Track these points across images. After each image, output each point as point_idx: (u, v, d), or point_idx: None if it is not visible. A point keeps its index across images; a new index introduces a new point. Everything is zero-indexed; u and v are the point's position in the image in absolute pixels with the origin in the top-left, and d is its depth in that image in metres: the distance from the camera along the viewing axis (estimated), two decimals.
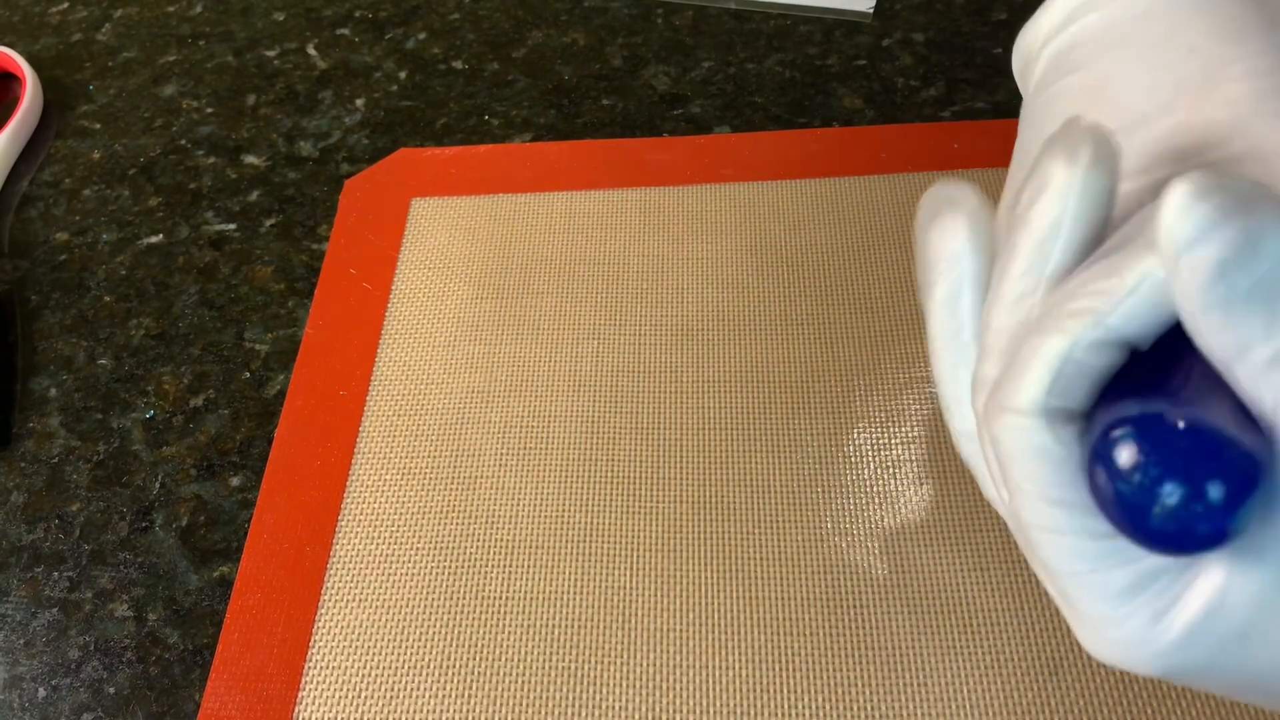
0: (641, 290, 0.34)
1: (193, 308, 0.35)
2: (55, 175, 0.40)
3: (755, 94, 0.41)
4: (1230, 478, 0.16)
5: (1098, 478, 0.17)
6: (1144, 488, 0.16)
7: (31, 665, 0.28)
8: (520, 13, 0.45)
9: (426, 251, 0.36)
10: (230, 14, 0.46)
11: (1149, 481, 0.16)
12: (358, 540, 0.29)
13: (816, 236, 0.35)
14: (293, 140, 0.41)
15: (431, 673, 0.27)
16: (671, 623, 0.27)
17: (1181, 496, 0.16)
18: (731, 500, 0.29)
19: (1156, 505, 0.16)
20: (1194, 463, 0.16)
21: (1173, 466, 0.16)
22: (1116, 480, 0.17)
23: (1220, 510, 0.16)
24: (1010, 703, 0.25)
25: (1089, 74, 0.23)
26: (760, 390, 0.31)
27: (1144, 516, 0.16)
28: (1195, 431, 0.16)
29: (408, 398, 0.32)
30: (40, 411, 0.33)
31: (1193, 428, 0.16)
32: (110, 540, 0.30)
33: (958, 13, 0.44)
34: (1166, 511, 0.16)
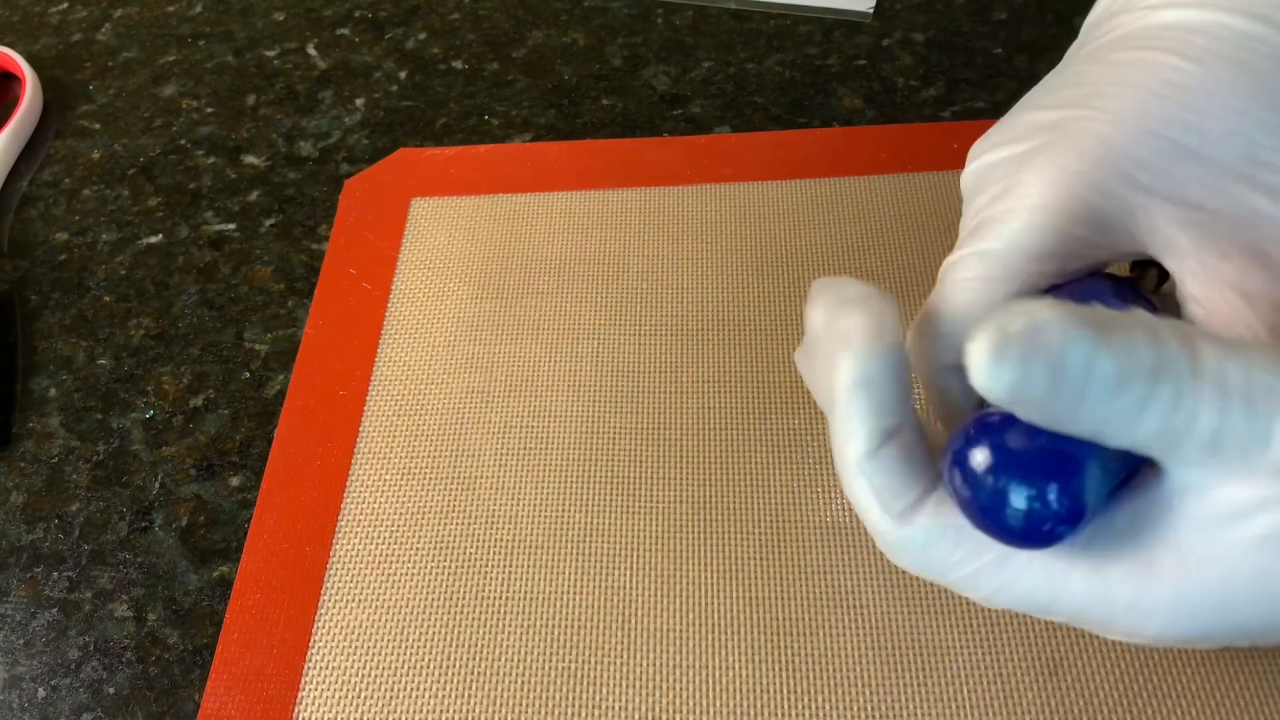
0: (641, 290, 0.34)
1: (192, 308, 0.35)
2: (55, 175, 0.40)
3: (755, 94, 0.41)
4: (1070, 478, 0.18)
5: (955, 480, 0.19)
6: (995, 490, 0.18)
7: (31, 665, 0.28)
8: (520, 13, 0.45)
9: (426, 251, 0.36)
10: (230, 14, 0.46)
11: (999, 485, 0.18)
12: (358, 540, 0.29)
13: (816, 236, 0.35)
14: (293, 140, 0.41)
15: (431, 673, 0.27)
16: (671, 623, 0.27)
17: (1028, 498, 0.18)
18: (731, 500, 0.29)
19: (1008, 506, 0.18)
20: (1039, 467, 0.18)
21: (1020, 470, 0.18)
22: (972, 484, 0.19)
23: (1065, 509, 0.18)
24: (1010, 703, 0.25)
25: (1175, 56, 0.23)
26: (760, 390, 0.31)
27: (998, 516, 0.18)
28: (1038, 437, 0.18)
29: (408, 398, 0.32)
30: (40, 411, 0.33)
31: (1036, 434, 0.18)
32: (110, 540, 0.30)
33: (958, 13, 0.44)
34: (1017, 512, 0.18)
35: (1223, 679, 0.25)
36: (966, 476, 0.19)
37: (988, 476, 0.18)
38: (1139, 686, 0.25)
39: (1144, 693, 0.25)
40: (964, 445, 0.19)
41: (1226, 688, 0.25)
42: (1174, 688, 0.25)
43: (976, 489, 0.18)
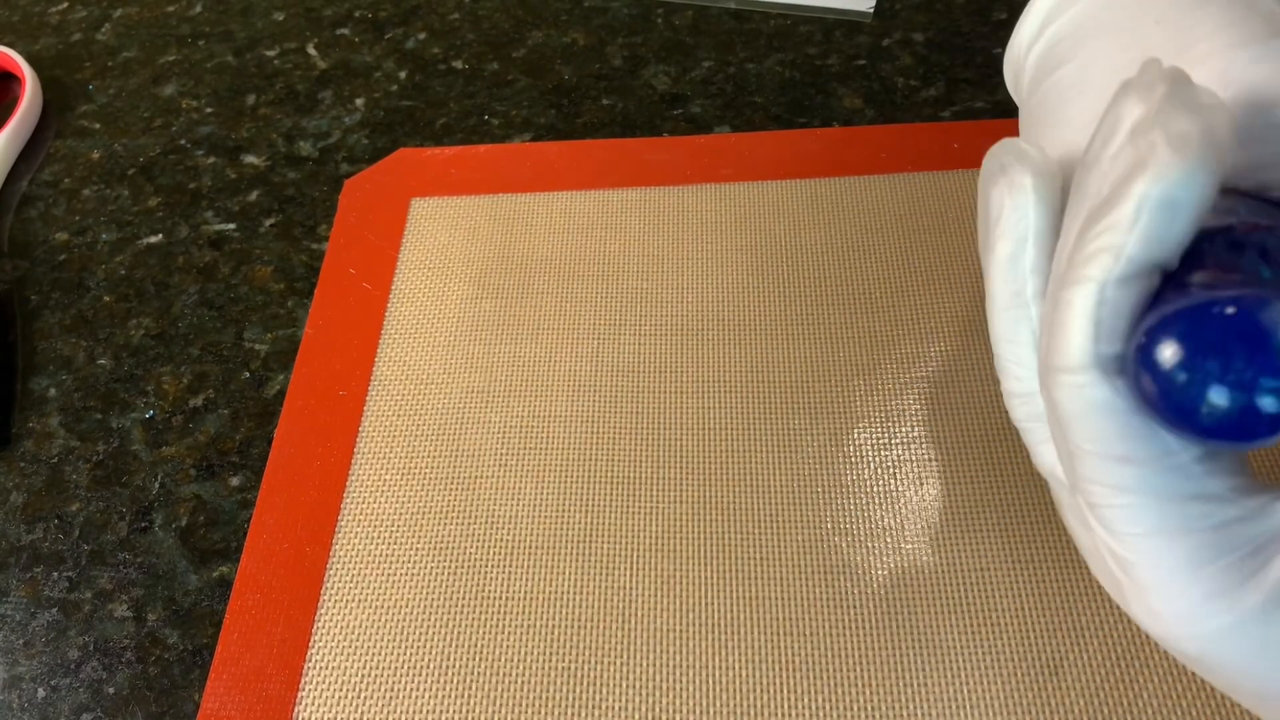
0: (641, 290, 0.34)
1: (192, 308, 0.35)
2: (55, 175, 0.40)
3: (755, 94, 0.41)
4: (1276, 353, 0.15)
5: (1144, 383, 0.16)
6: (1194, 380, 0.15)
7: (31, 665, 0.28)
8: (520, 13, 0.45)
9: (426, 251, 0.36)
10: (230, 14, 0.46)
11: (1198, 372, 0.15)
12: (358, 540, 0.29)
13: (816, 236, 0.35)
14: (293, 140, 0.41)
15: (431, 673, 0.27)
16: (671, 623, 0.27)
17: (1234, 381, 0.15)
18: (731, 500, 0.29)
19: (1210, 395, 0.15)
20: (1241, 345, 0.15)
21: (1220, 352, 0.15)
22: (1162, 380, 0.16)
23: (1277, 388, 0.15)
24: (1010, 703, 0.25)
25: (1072, 66, 0.24)
26: (760, 390, 0.31)
27: (1195, 409, 0.16)
28: (1237, 315, 0.15)
29: (408, 398, 0.32)
30: (40, 411, 0.33)
31: (1233, 311, 0.15)
32: (110, 540, 0.30)
33: (958, 13, 0.44)
34: (1223, 399, 0.15)
35: None
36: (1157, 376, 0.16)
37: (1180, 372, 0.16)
38: (1139, 686, 0.25)
39: (1144, 693, 0.25)
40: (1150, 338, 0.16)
41: None
42: (1174, 688, 0.25)
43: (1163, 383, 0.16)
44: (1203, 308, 0.16)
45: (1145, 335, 0.16)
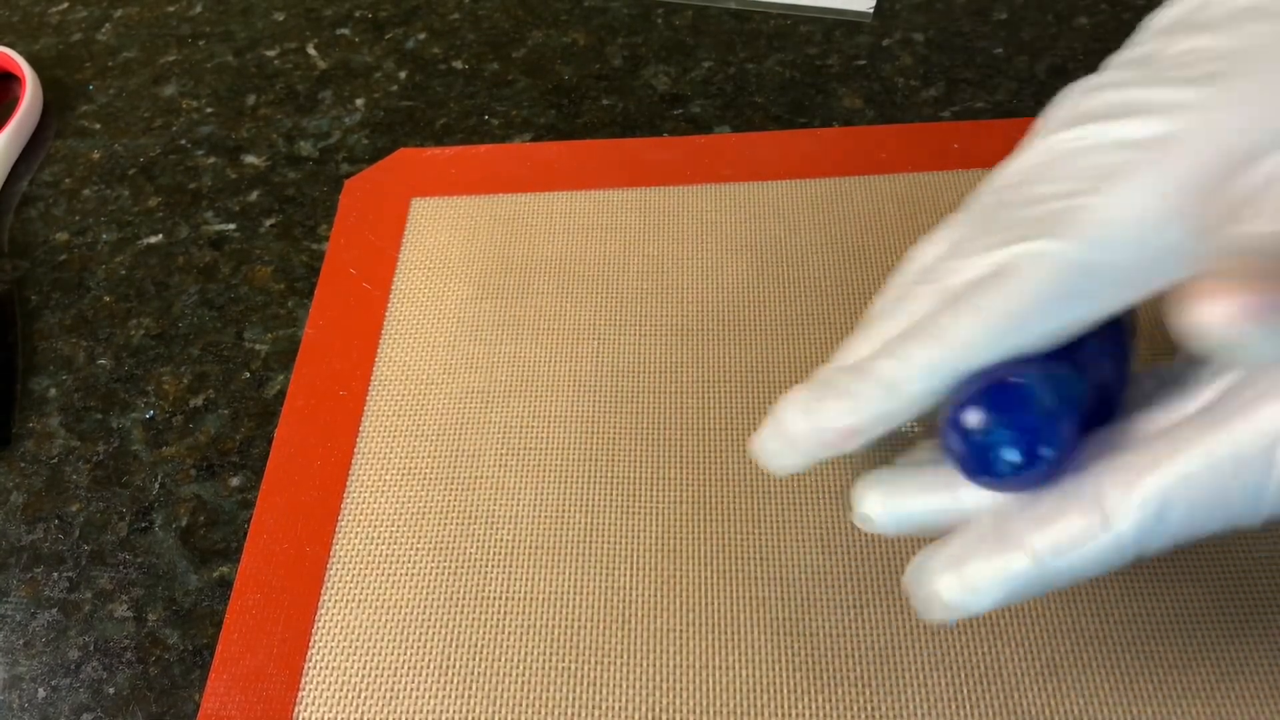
0: (641, 290, 0.34)
1: (193, 308, 0.35)
2: (55, 175, 0.40)
3: (755, 94, 0.41)
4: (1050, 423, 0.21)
5: (949, 442, 0.21)
6: (983, 446, 0.21)
7: (31, 665, 0.28)
8: (520, 13, 0.45)
9: (426, 251, 0.36)
10: (230, 14, 0.46)
11: (985, 440, 0.21)
12: (358, 540, 0.29)
13: (816, 236, 0.35)
14: (293, 140, 0.41)
15: (431, 673, 0.27)
16: (671, 623, 0.27)
17: (1014, 448, 0.20)
18: (731, 500, 0.29)
19: (997, 459, 0.21)
20: (1019, 417, 0.21)
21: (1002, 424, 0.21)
22: (962, 442, 0.21)
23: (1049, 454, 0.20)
24: (1009, 703, 0.25)
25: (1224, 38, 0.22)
26: (760, 390, 0.31)
27: (989, 468, 0.21)
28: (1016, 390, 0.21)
29: (408, 398, 0.32)
30: (40, 411, 0.33)
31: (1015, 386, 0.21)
32: (110, 540, 0.30)
33: (958, 13, 0.44)
34: (1005, 463, 0.21)
35: (1223, 679, 0.25)
36: (961, 435, 0.21)
37: (975, 433, 0.21)
38: (1139, 686, 0.25)
39: (1144, 693, 0.25)
40: (956, 411, 0.21)
41: (1227, 688, 0.25)
42: (1174, 688, 0.25)
43: (965, 442, 0.21)
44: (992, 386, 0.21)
45: (954, 408, 0.21)
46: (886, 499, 0.24)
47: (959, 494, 0.23)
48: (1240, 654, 0.26)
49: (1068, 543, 0.20)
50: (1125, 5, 0.43)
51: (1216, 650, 0.26)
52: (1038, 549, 0.21)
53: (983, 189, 0.25)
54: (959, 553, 0.22)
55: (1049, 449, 0.20)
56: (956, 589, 0.21)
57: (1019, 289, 0.21)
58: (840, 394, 0.23)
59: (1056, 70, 0.41)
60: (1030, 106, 0.39)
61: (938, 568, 0.22)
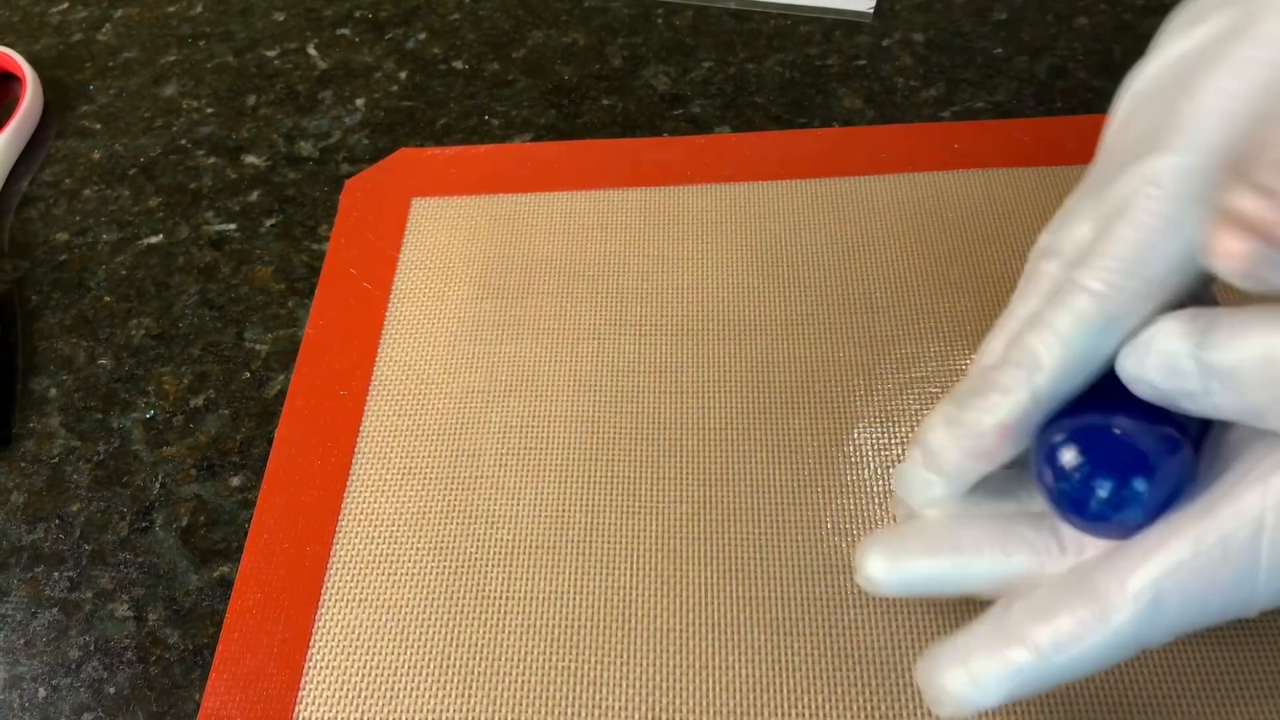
0: (641, 290, 0.34)
1: (193, 308, 0.35)
2: (55, 175, 0.40)
3: (755, 94, 0.41)
4: (1149, 471, 0.20)
5: (1045, 478, 0.21)
6: (1082, 483, 0.21)
7: (31, 665, 0.28)
8: (520, 13, 0.45)
9: (426, 251, 0.36)
10: (230, 14, 0.46)
11: (1085, 477, 0.21)
12: (358, 540, 0.29)
13: (816, 236, 0.35)
14: (293, 140, 0.41)
15: (431, 673, 0.27)
16: (671, 623, 0.27)
17: (1111, 489, 0.20)
18: (731, 500, 0.29)
19: (1093, 498, 0.20)
20: (1121, 460, 0.20)
21: (1103, 464, 0.20)
22: (1060, 479, 0.21)
23: (1144, 497, 0.20)
24: (1010, 702, 0.25)
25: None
26: (760, 390, 0.31)
27: (1084, 506, 0.21)
28: (1122, 436, 0.21)
29: (408, 398, 0.32)
30: (40, 411, 0.33)
31: (1120, 433, 0.21)
32: (110, 540, 0.30)
33: (958, 13, 0.44)
34: (1101, 501, 0.20)
35: (1223, 679, 0.25)
36: (1056, 472, 0.21)
37: (1075, 471, 0.21)
38: (1139, 686, 0.25)
39: (1144, 692, 0.25)
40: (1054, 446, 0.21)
41: (1227, 688, 0.25)
42: (1174, 688, 0.25)
43: (1063, 481, 0.21)
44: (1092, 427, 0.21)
45: (1048, 442, 0.21)
46: (891, 561, 0.24)
47: (963, 557, 0.23)
48: (1240, 653, 0.26)
49: (1068, 636, 0.20)
50: (1125, 5, 0.43)
51: (1216, 650, 0.26)
52: (1040, 643, 0.21)
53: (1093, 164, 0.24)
54: (964, 647, 0.22)
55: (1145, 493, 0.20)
56: (963, 683, 0.21)
57: (1136, 215, 0.21)
58: (983, 390, 0.22)
59: (1056, 70, 0.41)
60: (1030, 106, 0.39)
61: (944, 662, 0.22)
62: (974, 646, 0.22)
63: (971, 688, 0.21)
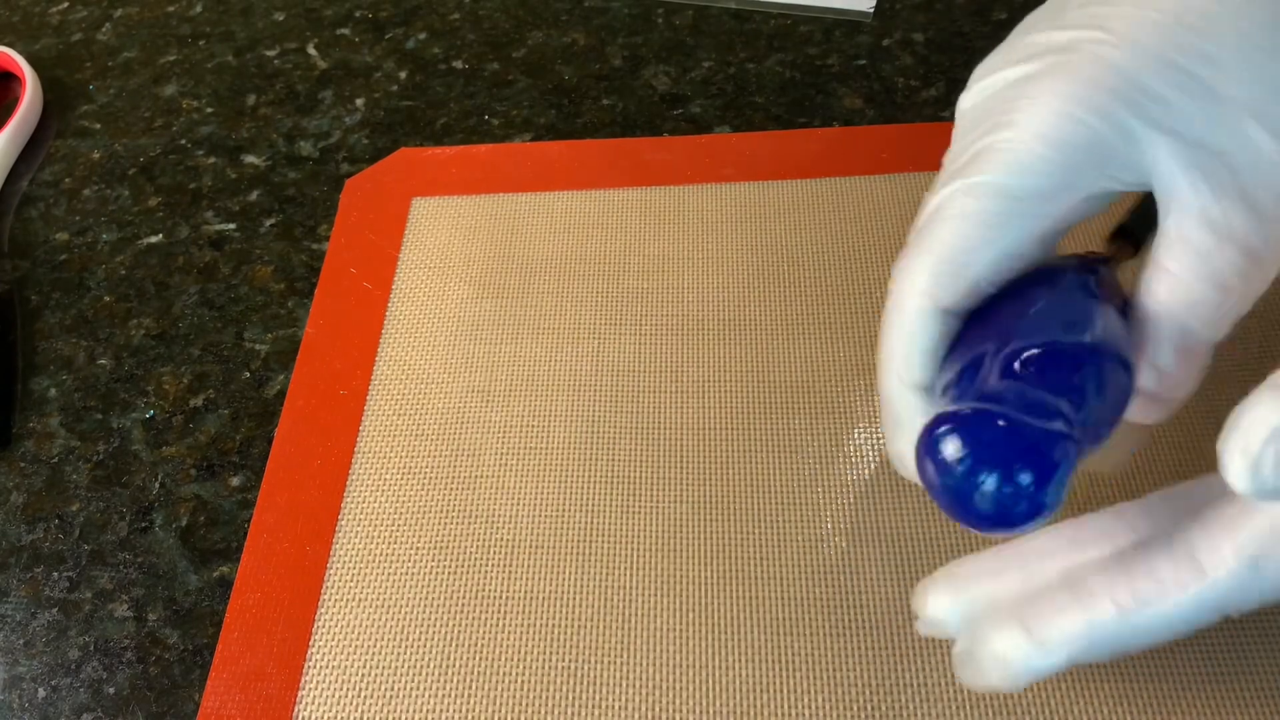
0: (641, 290, 0.34)
1: (193, 308, 0.35)
2: (55, 175, 0.40)
3: (755, 94, 0.41)
4: (1037, 464, 0.19)
5: (927, 470, 0.20)
6: (965, 477, 0.19)
7: (31, 665, 0.28)
8: (520, 13, 0.45)
9: (427, 251, 0.36)
10: (230, 14, 0.46)
11: (969, 472, 0.19)
12: (358, 540, 0.29)
13: (816, 236, 0.35)
14: (293, 140, 0.41)
15: (431, 673, 0.27)
16: (671, 623, 0.27)
17: (997, 482, 0.19)
18: (731, 500, 0.29)
19: (977, 493, 0.19)
20: (1006, 453, 0.19)
21: (988, 458, 0.19)
22: (943, 473, 0.19)
23: (1033, 491, 0.19)
24: (1010, 703, 0.25)
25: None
26: (760, 390, 0.31)
27: (968, 502, 0.19)
28: (1007, 427, 0.19)
29: (408, 397, 0.32)
30: (40, 411, 0.33)
31: (1004, 423, 0.19)
32: (110, 540, 0.30)
33: (958, 13, 0.44)
34: (986, 497, 0.19)
35: (1222, 679, 0.25)
36: (939, 466, 0.19)
37: (959, 465, 0.19)
38: (1139, 686, 0.25)
39: (1144, 693, 0.25)
40: (936, 437, 0.20)
41: (1226, 688, 0.25)
42: (1174, 688, 0.25)
43: (947, 476, 0.19)
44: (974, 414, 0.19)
45: (929, 431, 0.20)
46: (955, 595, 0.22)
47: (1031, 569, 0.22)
48: (1240, 654, 0.26)
49: (1155, 593, 0.20)
50: None
51: (1216, 650, 0.26)
52: (1121, 599, 0.20)
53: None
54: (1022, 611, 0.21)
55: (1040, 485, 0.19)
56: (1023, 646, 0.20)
57: (955, 219, 0.22)
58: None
59: None
60: None
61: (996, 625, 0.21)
62: (1038, 609, 0.21)
63: (1032, 647, 0.20)
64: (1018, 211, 0.22)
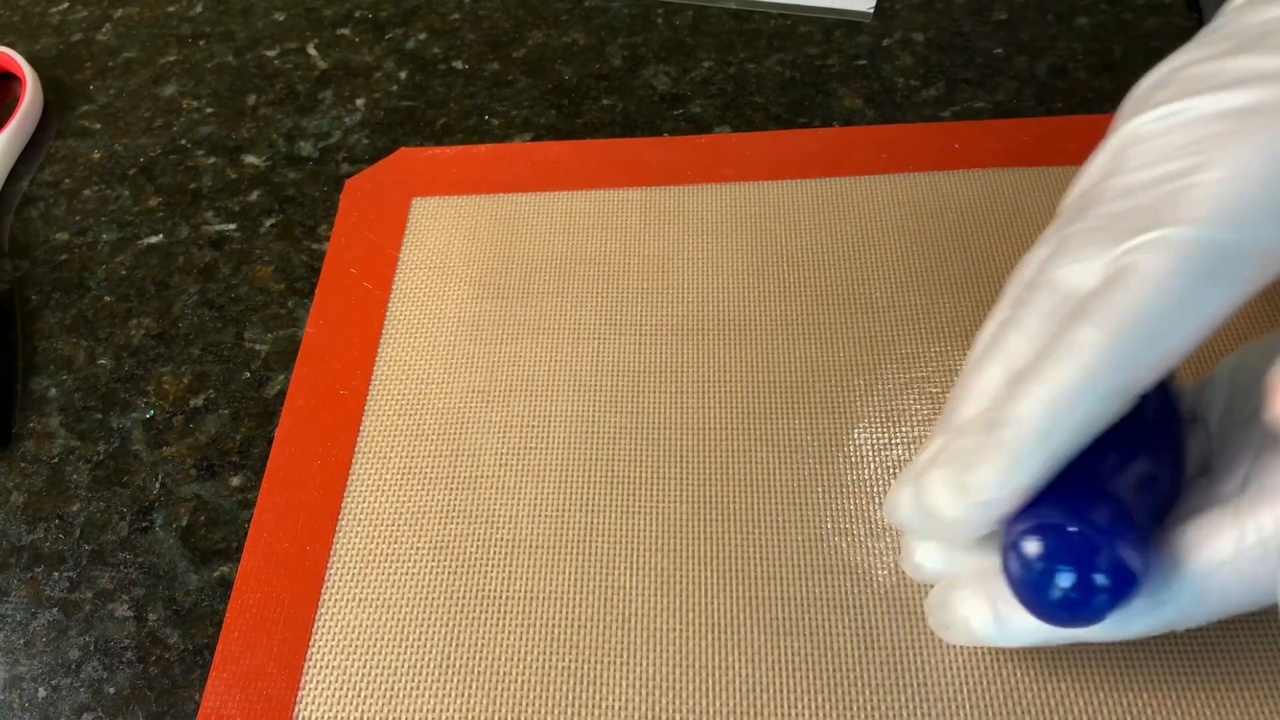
0: (641, 290, 0.34)
1: (193, 308, 0.35)
2: (55, 175, 0.40)
3: (755, 94, 0.41)
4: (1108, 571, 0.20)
5: (1010, 565, 0.21)
6: (1044, 573, 0.21)
7: (31, 665, 0.28)
8: (520, 13, 0.45)
9: (427, 251, 0.36)
10: (230, 14, 0.46)
11: (1048, 568, 0.21)
12: (358, 540, 0.29)
13: (816, 236, 0.35)
14: (293, 140, 0.41)
15: (431, 673, 0.27)
16: (671, 623, 0.27)
17: (1073, 581, 0.20)
18: (731, 500, 0.29)
19: (1053, 588, 0.21)
20: (1082, 556, 0.20)
21: (1065, 559, 0.20)
22: (1024, 567, 0.21)
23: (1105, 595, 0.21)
24: (1010, 703, 0.25)
25: None
26: (760, 390, 0.31)
27: (1044, 595, 0.21)
28: (1084, 533, 0.21)
29: (408, 397, 0.32)
30: (40, 411, 0.33)
31: (1082, 531, 0.21)
32: (110, 540, 0.30)
33: (958, 13, 0.44)
34: (1061, 592, 0.21)
35: (1222, 679, 0.25)
36: (1023, 563, 0.21)
37: (1038, 563, 0.21)
38: (1139, 686, 0.25)
39: (1144, 693, 0.25)
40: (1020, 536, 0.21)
41: (1226, 689, 0.25)
42: (1174, 688, 0.25)
43: (1028, 574, 0.21)
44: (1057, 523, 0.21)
45: (1015, 532, 0.21)
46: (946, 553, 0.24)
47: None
48: (1240, 654, 0.26)
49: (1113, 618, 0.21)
50: (1125, 5, 0.43)
51: (1216, 650, 0.26)
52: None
53: (1071, 191, 0.23)
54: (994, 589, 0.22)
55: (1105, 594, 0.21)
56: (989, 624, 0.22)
57: (1151, 284, 0.19)
58: (989, 455, 0.20)
59: (1056, 70, 0.41)
60: (1030, 106, 0.39)
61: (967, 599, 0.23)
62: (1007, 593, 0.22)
63: (996, 629, 0.22)
64: (1229, 274, 0.19)
